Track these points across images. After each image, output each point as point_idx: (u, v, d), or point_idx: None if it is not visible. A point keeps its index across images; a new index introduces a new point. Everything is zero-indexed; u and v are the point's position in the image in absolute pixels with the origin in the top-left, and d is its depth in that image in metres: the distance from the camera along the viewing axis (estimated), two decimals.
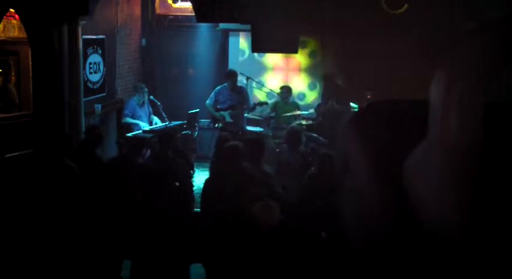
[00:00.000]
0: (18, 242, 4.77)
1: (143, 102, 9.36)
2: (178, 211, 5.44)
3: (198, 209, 6.66)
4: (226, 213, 4.50)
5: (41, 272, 4.69)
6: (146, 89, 9.40)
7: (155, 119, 9.47)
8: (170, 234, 4.58)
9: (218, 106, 9.46)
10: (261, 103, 9.52)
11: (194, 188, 7.09)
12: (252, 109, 9.51)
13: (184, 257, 4.66)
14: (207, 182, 5.71)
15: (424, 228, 1.41)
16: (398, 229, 1.52)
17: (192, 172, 7.16)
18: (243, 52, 10.88)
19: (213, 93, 9.56)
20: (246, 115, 9.66)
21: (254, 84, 10.41)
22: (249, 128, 9.73)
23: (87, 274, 4.75)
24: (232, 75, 9.47)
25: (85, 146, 6.56)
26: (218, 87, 9.61)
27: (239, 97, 9.43)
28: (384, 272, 1.65)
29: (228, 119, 9.33)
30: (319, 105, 9.66)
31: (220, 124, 9.36)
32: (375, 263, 1.75)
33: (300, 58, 10.69)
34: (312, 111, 9.53)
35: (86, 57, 8.58)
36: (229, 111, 9.35)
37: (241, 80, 9.80)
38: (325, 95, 9.70)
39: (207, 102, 9.52)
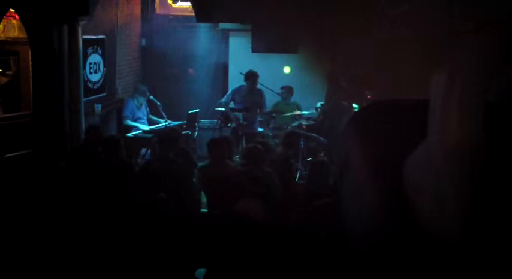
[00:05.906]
0: (17, 242, 4.76)
1: (141, 104, 9.34)
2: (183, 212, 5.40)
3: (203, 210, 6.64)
4: (228, 213, 4.50)
5: (40, 272, 4.69)
6: (148, 92, 9.34)
7: (153, 118, 9.45)
8: (173, 236, 4.57)
9: (232, 106, 9.16)
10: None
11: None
12: (266, 114, 9.25)
13: (189, 260, 4.63)
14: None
15: (424, 228, 1.42)
16: (398, 230, 1.53)
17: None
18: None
19: (230, 91, 9.27)
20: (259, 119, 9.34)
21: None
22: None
23: (84, 275, 4.73)
24: (253, 76, 8.98)
25: (86, 146, 6.55)
26: (236, 86, 9.26)
27: (255, 100, 9.05)
28: (384, 272, 1.65)
29: (242, 121, 9.03)
30: (321, 104, 9.63)
31: (234, 124, 9.06)
32: (374, 264, 1.75)
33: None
34: (313, 111, 9.51)
35: (86, 57, 8.58)
36: (243, 113, 9.04)
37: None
38: (328, 94, 9.65)
39: (223, 99, 9.18)
